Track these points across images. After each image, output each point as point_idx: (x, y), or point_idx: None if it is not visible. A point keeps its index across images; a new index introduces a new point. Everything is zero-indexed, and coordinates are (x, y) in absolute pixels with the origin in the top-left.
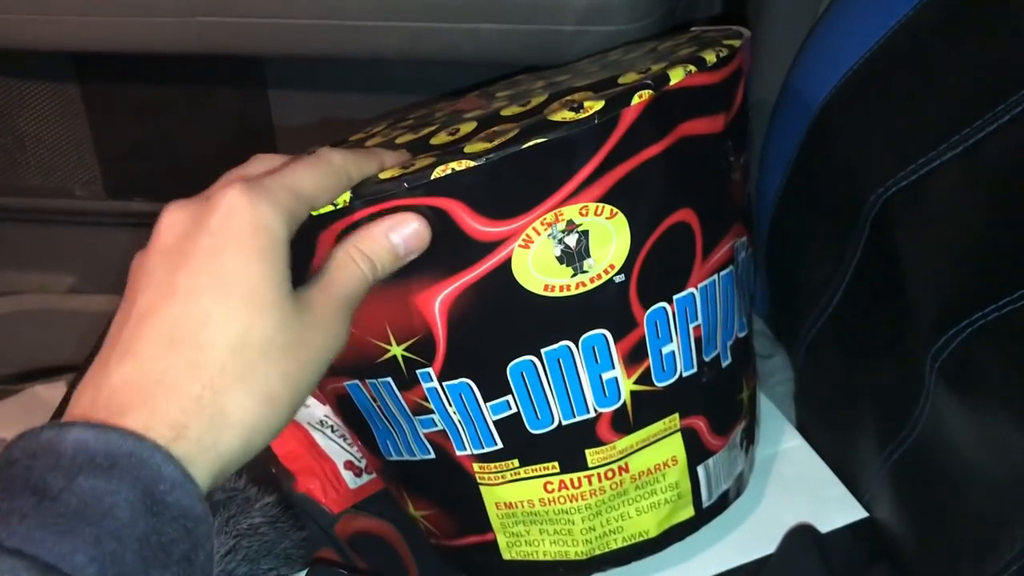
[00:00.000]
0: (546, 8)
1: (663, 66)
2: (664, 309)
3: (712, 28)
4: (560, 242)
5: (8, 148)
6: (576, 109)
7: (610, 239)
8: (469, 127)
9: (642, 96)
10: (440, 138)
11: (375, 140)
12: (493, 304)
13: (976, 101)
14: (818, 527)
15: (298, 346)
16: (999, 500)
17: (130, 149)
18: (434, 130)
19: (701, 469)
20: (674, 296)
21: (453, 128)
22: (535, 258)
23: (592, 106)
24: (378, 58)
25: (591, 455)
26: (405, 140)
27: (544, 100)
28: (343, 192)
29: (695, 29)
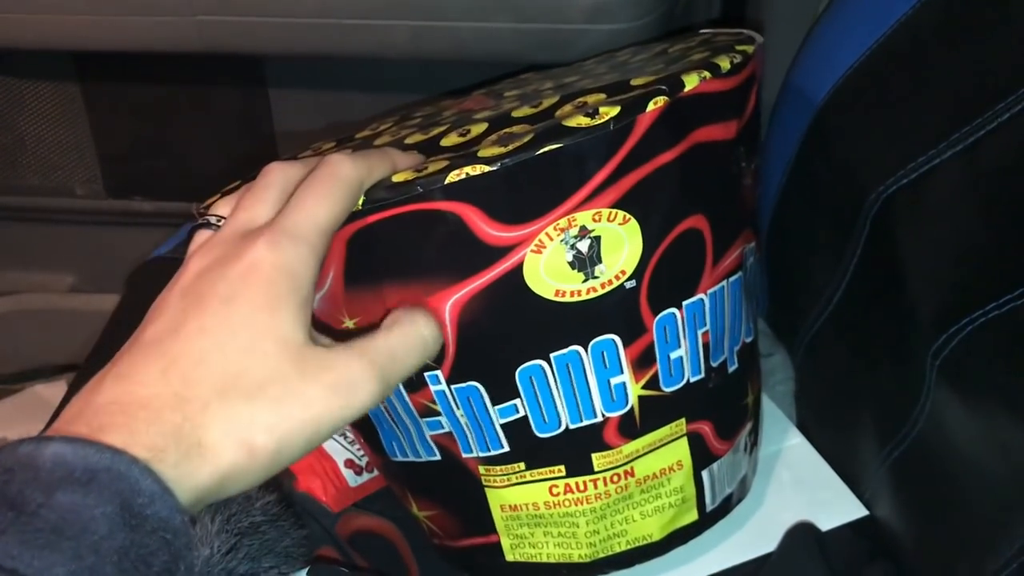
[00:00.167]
0: (552, 6)
1: (677, 71)
2: (674, 315)
3: (723, 31)
4: (572, 247)
5: (9, 147)
6: (591, 115)
7: (622, 245)
8: (480, 128)
9: (657, 103)
10: (451, 139)
11: (383, 139)
12: (504, 308)
13: (976, 100)
14: (818, 525)
15: (292, 402)
16: (999, 498)
17: (130, 148)
18: (444, 131)
19: (706, 473)
20: (684, 302)
21: (464, 129)
22: (547, 263)
23: (608, 112)
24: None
25: (597, 459)
26: (415, 140)
27: (556, 101)
28: (358, 199)
29: (705, 32)
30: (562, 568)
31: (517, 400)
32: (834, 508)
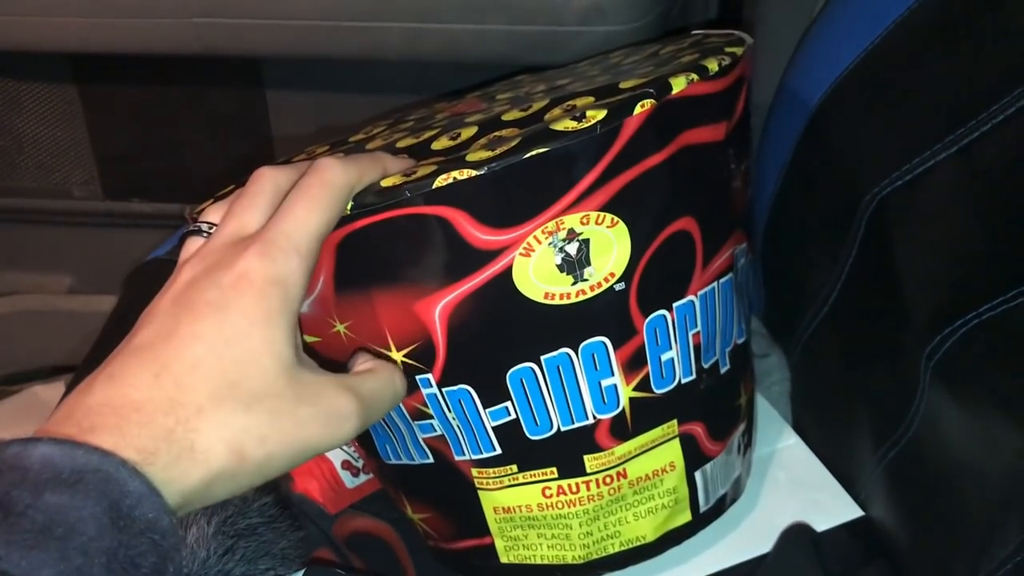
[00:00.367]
0: (546, 8)
1: (665, 73)
2: (664, 317)
3: (714, 33)
4: (561, 251)
5: (6, 149)
6: (579, 118)
7: (611, 248)
8: (470, 132)
9: (644, 106)
10: (441, 143)
11: (376, 143)
12: (493, 312)
13: (971, 101)
14: (814, 526)
15: (286, 419)
16: (993, 499)
17: (128, 150)
18: (435, 134)
19: (699, 474)
20: (674, 304)
21: (454, 132)
22: (536, 266)
23: (595, 115)
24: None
25: (589, 461)
26: (406, 144)
27: (545, 105)
28: (348, 203)
29: (697, 33)
30: (556, 570)
31: (508, 403)
32: (829, 509)
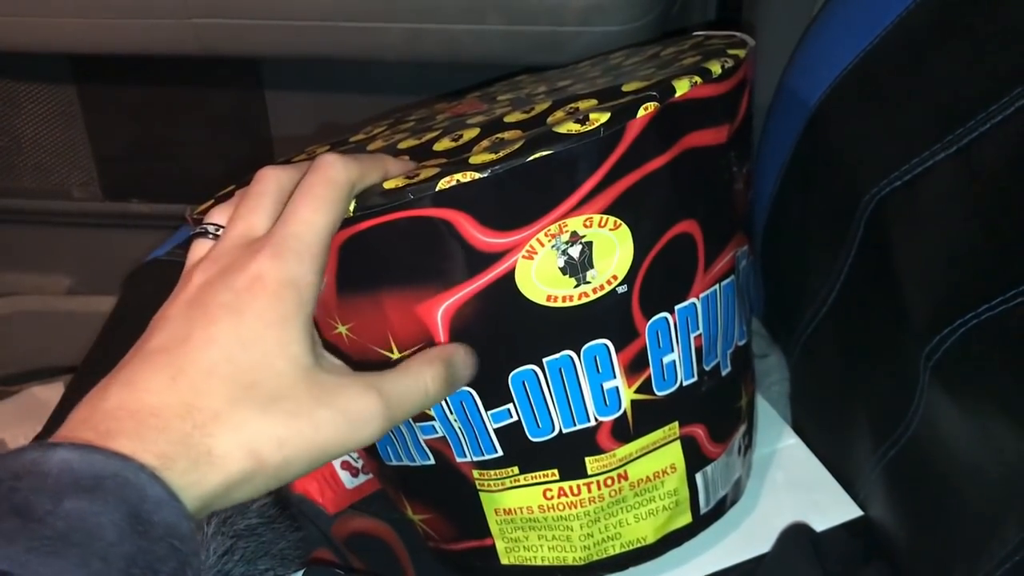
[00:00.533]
0: (546, 8)
1: (668, 75)
2: (666, 319)
3: (716, 34)
4: (563, 253)
5: (5, 150)
6: (582, 121)
7: (613, 250)
8: (472, 133)
9: (647, 108)
10: (443, 144)
11: (376, 144)
12: (496, 314)
13: (969, 101)
14: (813, 526)
15: (304, 422)
16: (992, 499)
17: (127, 150)
18: (437, 135)
19: (699, 476)
20: (676, 306)
21: (456, 134)
22: (538, 269)
23: (597, 118)
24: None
25: (591, 463)
26: (407, 145)
27: (548, 107)
28: (351, 201)
29: (698, 34)
30: (557, 571)
31: (510, 405)
32: (829, 509)
